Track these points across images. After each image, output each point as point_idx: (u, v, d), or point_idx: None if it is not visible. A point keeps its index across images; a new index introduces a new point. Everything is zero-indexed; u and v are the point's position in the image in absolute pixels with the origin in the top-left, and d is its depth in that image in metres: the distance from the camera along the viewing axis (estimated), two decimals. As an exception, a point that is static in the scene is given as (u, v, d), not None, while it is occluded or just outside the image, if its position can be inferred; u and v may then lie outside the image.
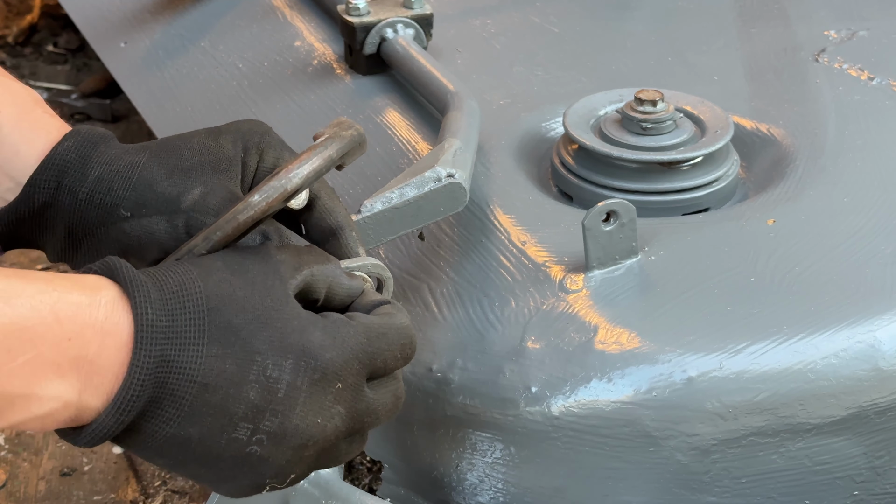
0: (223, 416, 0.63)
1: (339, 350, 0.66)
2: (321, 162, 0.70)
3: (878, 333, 0.80)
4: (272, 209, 0.68)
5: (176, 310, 0.63)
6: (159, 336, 0.62)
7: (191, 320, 0.63)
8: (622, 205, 0.83)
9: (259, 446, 0.64)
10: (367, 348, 0.67)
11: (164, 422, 0.62)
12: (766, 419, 0.78)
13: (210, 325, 0.63)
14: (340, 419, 0.66)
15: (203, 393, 0.62)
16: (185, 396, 0.62)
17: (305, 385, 0.64)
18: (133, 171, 0.75)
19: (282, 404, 0.64)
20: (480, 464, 0.82)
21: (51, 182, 0.75)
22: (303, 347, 0.64)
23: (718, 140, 0.95)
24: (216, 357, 0.62)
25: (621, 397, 0.78)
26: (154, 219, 0.75)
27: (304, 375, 0.64)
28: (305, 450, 0.65)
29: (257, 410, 0.63)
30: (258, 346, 0.63)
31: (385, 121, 1.07)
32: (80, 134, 0.77)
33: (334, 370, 0.65)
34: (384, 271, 0.76)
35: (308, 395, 0.65)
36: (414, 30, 1.13)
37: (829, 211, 0.91)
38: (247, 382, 0.63)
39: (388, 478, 0.86)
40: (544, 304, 0.83)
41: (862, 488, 0.82)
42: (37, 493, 0.90)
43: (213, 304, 0.64)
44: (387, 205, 0.83)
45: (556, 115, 1.05)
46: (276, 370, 0.64)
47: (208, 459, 0.64)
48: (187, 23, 1.35)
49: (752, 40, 1.19)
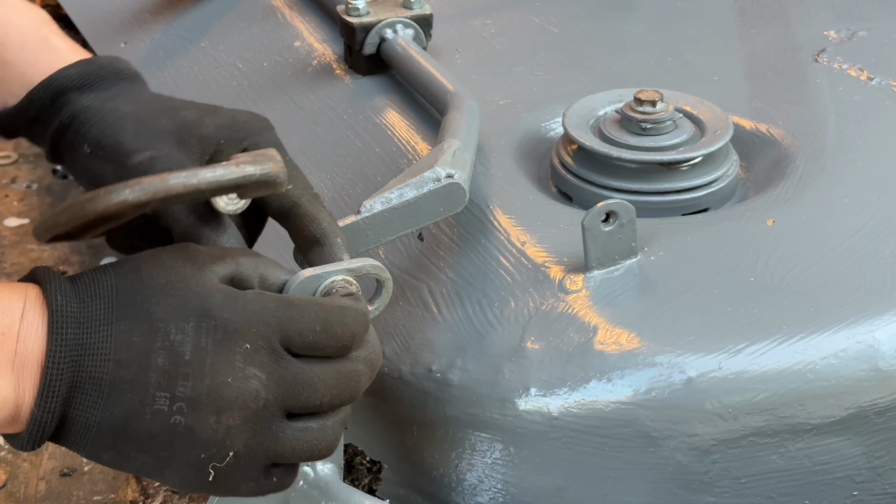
0: (140, 389, 0.64)
1: (241, 311, 0.66)
2: (188, 183, 0.69)
3: (878, 334, 0.80)
4: (114, 210, 0.67)
5: (87, 297, 0.65)
6: (71, 322, 0.64)
7: (101, 303, 0.65)
8: (622, 205, 0.83)
9: (181, 415, 0.65)
10: (274, 313, 0.67)
11: (89, 406, 0.64)
12: (765, 419, 0.78)
13: (118, 305, 0.65)
14: (258, 382, 0.66)
15: (118, 369, 0.64)
16: (102, 376, 0.64)
17: (210, 345, 0.65)
18: (112, 115, 0.79)
19: (190, 366, 0.65)
20: (480, 464, 0.82)
21: (45, 101, 0.81)
22: (203, 308, 0.66)
23: (718, 140, 0.95)
24: (124, 332, 0.64)
25: (621, 398, 0.78)
26: (104, 164, 0.78)
27: (206, 336, 0.65)
28: (228, 415, 0.65)
29: (169, 376, 0.65)
30: (161, 314, 0.65)
31: (384, 121, 1.07)
32: (93, 64, 0.81)
33: (235, 328, 0.66)
34: (383, 272, 0.75)
35: (214, 354, 0.65)
36: (413, 30, 1.13)
37: (829, 211, 0.91)
38: (153, 350, 0.65)
39: (388, 478, 0.86)
40: (544, 305, 0.83)
41: (862, 488, 0.81)
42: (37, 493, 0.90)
43: (122, 287, 0.66)
44: (386, 205, 0.83)
45: (556, 116, 1.05)
46: (179, 333, 0.65)
47: (141, 440, 0.65)
48: (187, 23, 1.35)
49: (751, 40, 1.19)
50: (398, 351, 0.85)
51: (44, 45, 0.84)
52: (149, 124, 0.78)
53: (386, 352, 0.85)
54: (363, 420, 0.87)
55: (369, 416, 0.87)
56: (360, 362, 0.70)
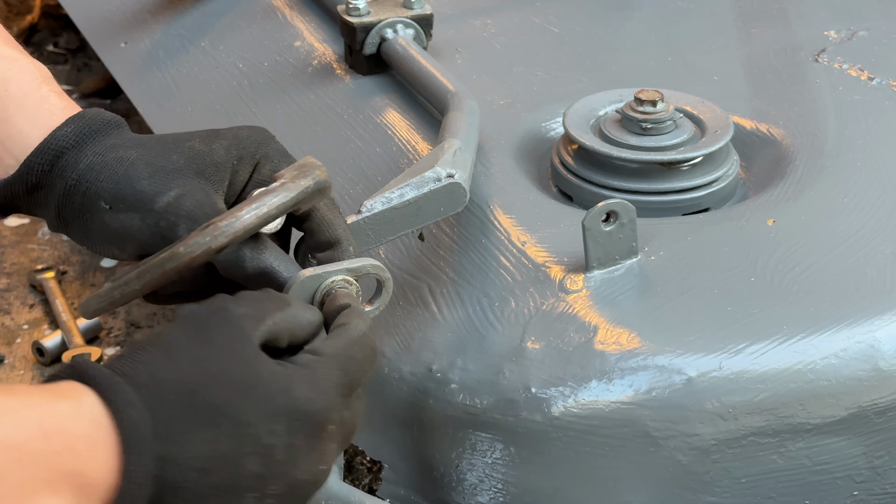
0: (228, 493, 0.62)
1: (324, 395, 0.65)
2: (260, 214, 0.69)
3: (878, 333, 0.80)
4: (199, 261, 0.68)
5: (155, 405, 0.61)
6: (145, 435, 0.60)
7: (173, 411, 0.61)
8: (622, 205, 0.83)
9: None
10: (343, 380, 0.67)
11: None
12: (765, 419, 0.78)
13: (194, 411, 0.62)
14: (336, 453, 0.67)
15: (203, 478, 0.61)
16: (186, 486, 0.61)
17: (302, 441, 0.64)
18: (120, 165, 0.76)
19: (283, 466, 0.63)
20: (480, 464, 0.82)
21: (44, 165, 0.77)
22: (292, 407, 0.64)
23: (718, 140, 0.95)
24: (208, 441, 0.61)
25: (621, 397, 0.78)
26: (129, 215, 0.75)
27: (298, 433, 0.64)
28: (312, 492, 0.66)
29: (260, 479, 0.63)
30: (247, 418, 0.62)
31: (385, 121, 1.07)
32: (83, 119, 0.78)
33: (325, 416, 0.65)
34: (383, 272, 0.75)
35: (307, 449, 0.64)
36: (414, 30, 1.13)
37: (829, 211, 0.91)
38: (244, 456, 0.62)
39: (388, 478, 0.86)
40: (544, 305, 0.83)
41: (862, 488, 0.82)
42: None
43: (190, 387, 0.62)
44: (386, 205, 0.83)
45: (556, 116, 1.05)
46: (271, 436, 0.63)
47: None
48: (187, 23, 1.35)
49: (751, 40, 1.19)
50: (398, 350, 0.85)
51: (43, 103, 0.80)
52: (161, 164, 0.76)
53: (386, 351, 0.86)
54: (363, 420, 0.87)
55: (370, 416, 0.87)
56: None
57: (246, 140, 0.79)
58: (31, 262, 1.43)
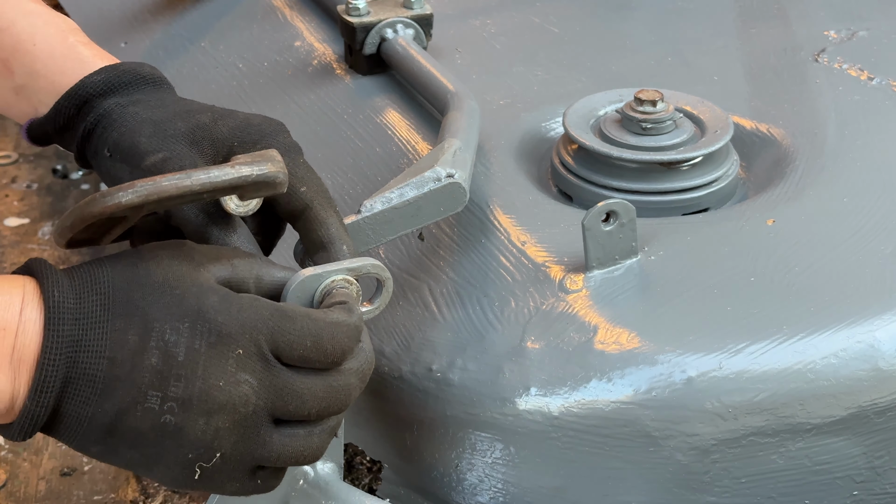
0: (132, 388, 0.65)
1: (236, 316, 0.67)
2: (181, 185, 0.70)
3: (878, 333, 0.80)
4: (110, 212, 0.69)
5: (83, 293, 0.66)
6: (68, 318, 0.65)
7: (96, 300, 0.66)
8: (622, 205, 0.83)
9: (171, 414, 0.66)
10: (267, 321, 0.67)
11: (82, 402, 0.65)
12: (765, 419, 0.78)
13: (114, 303, 0.66)
14: (249, 387, 0.67)
15: (112, 367, 0.65)
16: (96, 373, 0.65)
17: (204, 347, 0.66)
18: (132, 119, 0.80)
19: (183, 367, 0.66)
20: (480, 464, 0.82)
21: (72, 110, 0.82)
22: (198, 310, 0.66)
23: (718, 140, 0.95)
24: (119, 330, 0.65)
25: (621, 397, 0.78)
26: (122, 166, 0.79)
27: (200, 338, 0.66)
28: (217, 417, 0.66)
29: (161, 376, 0.65)
30: (156, 314, 0.66)
31: (385, 121, 1.07)
32: (116, 70, 0.83)
33: (228, 332, 0.66)
34: (383, 272, 0.75)
35: (207, 357, 0.66)
36: (414, 30, 1.13)
37: (829, 211, 0.91)
38: (147, 350, 0.65)
39: (388, 478, 0.86)
40: (544, 304, 0.83)
41: (862, 488, 0.82)
42: (37, 492, 0.90)
43: (118, 283, 0.67)
44: (386, 205, 0.83)
45: (556, 116, 1.05)
46: (174, 334, 0.66)
47: (131, 437, 0.66)
48: (187, 23, 1.35)
49: (751, 40, 1.19)
50: (398, 350, 0.85)
51: (71, 53, 0.85)
52: (164, 127, 0.79)
53: (386, 351, 0.86)
54: (363, 419, 0.87)
55: (369, 416, 0.87)
56: (352, 375, 0.70)
57: (254, 126, 0.81)
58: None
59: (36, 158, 1.52)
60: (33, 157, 1.49)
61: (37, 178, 1.53)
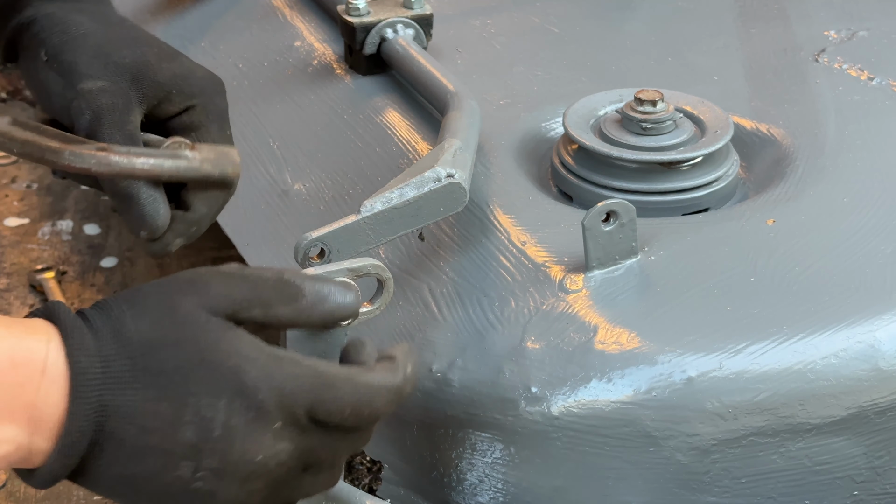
0: (164, 455, 0.63)
1: (276, 391, 0.64)
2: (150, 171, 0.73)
3: (878, 333, 0.80)
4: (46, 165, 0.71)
5: (110, 356, 0.63)
6: (94, 382, 0.62)
7: (123, 365, 0.63)
8: (622, 205, 0.83)
9: (203, 482, 0.64)
10: (308, 394, 0.65)
11: (108, 463, 0.63)
12: (765, 419, 0.78)
13: (143, 371, 0.63)
14: (287, 455, 0.66)
15: (142, 434, 0.63)
16: (125, 438, 0.63)
17: (242, 424, 0.64)
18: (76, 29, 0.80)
19: (219, 443, 0.64)
20: (480, 464, 0.82)
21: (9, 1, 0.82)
22: (236, 386, 0.64)
23: (718, 140, 0.95)
24: (151, 400, 0.63)
25: (621, 397, 0.78)
26: (55, 77, 0.79)
27: (238, 415, 0.64)
28: (252, 483, 0.65)
29: (196, 450, 0.63)
30: (192, 388, 0.63)
31: (385, 121, 1.07)
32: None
33: (268, 410, 0.64)
34: (384, 272, 0.75)
35: (245, 433, 0.64)
36: (414, 30, 1.13)
37: (829, 211, 0.91)
38: (182, 423, 0.63)
39: (388, 478, 0.86)
40: (544, 305, 0.83)
41: (862, 488, 0.82)
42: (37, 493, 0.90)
43: (146, 349, 0.64)
44: (387, 205, 0.83)
45: (556, 116, 1.05)
46: (211, 410, 0.63)
47: (158, 496, 0.65)
48: (187, 23, 1.35)
49: (751, 40, 1.19)
50: (398, 351, 0.85)
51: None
52: (108, 51, 0.78)
53: (386, 351, 0.85)
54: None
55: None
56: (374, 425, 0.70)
57: (197, 79, 0.81)
58: (31, 262, 1.42)
59: (36, 158, 1.52)
60: (33, 157, 1.49)
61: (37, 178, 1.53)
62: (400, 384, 0.68)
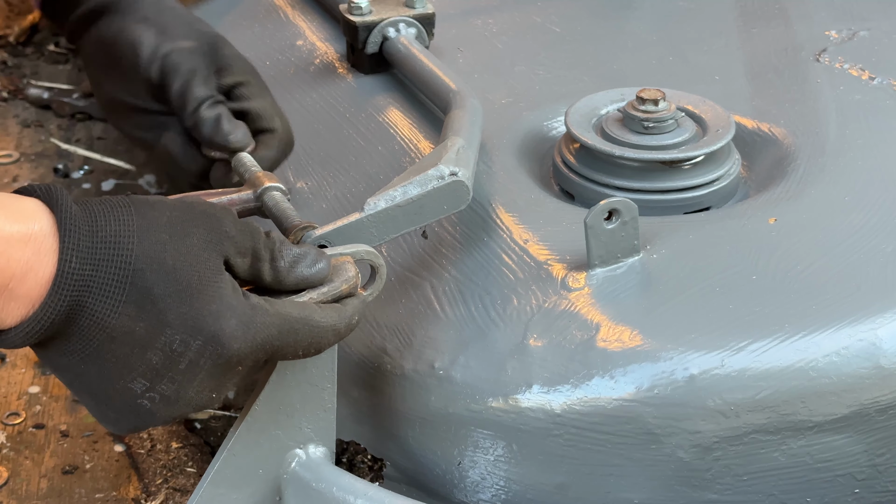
0: (123, 368, 0.66)
1: (249, 342, 0.68)
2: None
3: (880, 331, 0.80)
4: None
5: (102, 261, 0.65)
6: (78, 282, 0.64)
7: (114, 275, 0.65)
8: (624, 203, 0.83)
9: (150, 402, 0.67)
10: (274, 341, 0.69)
11: (67, 353, 0.66)
12: (767, 417, 0.78)
13: (131, 286, 0.65)
14: (234, 386, 0.70)
15: (109, 343, 0.65)
16: (92, 340, 0.65)
17: (207, 366, 0.67)
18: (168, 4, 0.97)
19: (181, 375, 0.67)
20: (482, 461, 0.82)
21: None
22: (214, 334, 0.67)
23: (720, 139, 0.95)
24: (129, 317, 0.65)
25: (623, 395, 0.79)
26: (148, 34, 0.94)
27: (208, 358, 0.67)
28: (194, 411, 0.69)
29: (156, 373, 0.66)
30: (171, 320, 0.66)
31: (387, 119, 1.07)
32: None
33: (239, 358, 0.68)
34: (377, 258, 0.76)
35: (208, 374, 0.67)
36: (416, 29, 1.14)
37: (831, 209, 0.91)
38: (152, 348, 0.66)
39: (390, 475, 0.87)
40: (546, 302, 0.84)
41: (863, 486, 0.82)
42: (38, 490, 0.90)
43: (140, 265, 0.65)
44: (390, 203, 0.83)
45: (558, 115, 1.05)
46: (182, 346, 0.66)
47: (100, 397, 0.67)
48: (189, 22, 1.35)
49: (752, 40, 1.19)
50: (401, 348, 0.85)
51: None
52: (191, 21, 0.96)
53: (388, 349, 0.86)
54: (365, 417, 0.87)
55: (371, 413, 0.87)
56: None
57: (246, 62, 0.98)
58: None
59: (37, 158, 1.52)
60: (34, 157, 1.49)
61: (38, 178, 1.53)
62: (343, 329, 0.73)
